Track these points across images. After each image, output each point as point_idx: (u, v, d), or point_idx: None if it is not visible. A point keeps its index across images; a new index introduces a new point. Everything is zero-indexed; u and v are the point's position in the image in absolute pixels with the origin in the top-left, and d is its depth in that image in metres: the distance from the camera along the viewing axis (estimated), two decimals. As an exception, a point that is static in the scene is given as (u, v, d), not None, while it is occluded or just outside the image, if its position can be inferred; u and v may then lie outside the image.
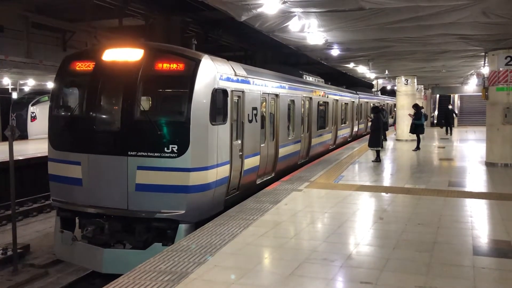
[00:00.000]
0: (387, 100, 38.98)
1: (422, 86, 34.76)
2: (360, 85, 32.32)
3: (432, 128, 36.20)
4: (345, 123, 23.18)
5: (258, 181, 11.16)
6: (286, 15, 10.46)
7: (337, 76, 28.90)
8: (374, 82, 32.47)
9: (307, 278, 5.40)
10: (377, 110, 16.45)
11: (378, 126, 15.87)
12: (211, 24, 17.93)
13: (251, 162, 10.32)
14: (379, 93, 36.43)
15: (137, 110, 8.14)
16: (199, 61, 8.26)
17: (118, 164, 8.00)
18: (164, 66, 8.15)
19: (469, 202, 9.48)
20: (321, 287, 5.18)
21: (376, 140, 15.67)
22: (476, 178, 12.75)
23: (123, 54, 8.47)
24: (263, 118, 11.32)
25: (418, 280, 5.28)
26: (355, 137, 25.86)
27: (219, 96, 8.62)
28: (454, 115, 29.91)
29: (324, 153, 17.96)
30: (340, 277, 5.55)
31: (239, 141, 9.72)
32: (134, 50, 8.41)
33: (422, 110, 20.57)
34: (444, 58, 18.61)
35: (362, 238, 7.05)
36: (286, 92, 13.23)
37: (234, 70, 9.65)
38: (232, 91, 9.25)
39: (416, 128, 19.63)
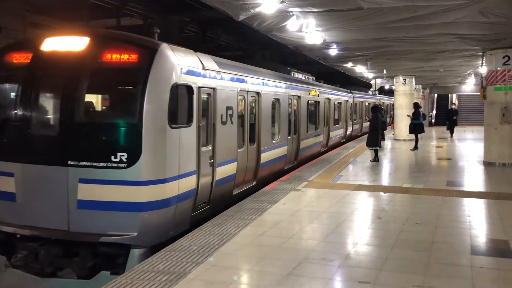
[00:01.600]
0: (384, 99, 38.59)
1: (420, 85, 34.81)
2: (358, 84, 32.02)
3: (430, 127, 36.26)
4: (338, 123, 22.09)
5: (236, 192, 9.79)
6: (284, 15, 10.46)
7: (336, 76, 28.66)
8: (372, 82, 32.48)
9: (306, 278, 5.39)
10: (375, 110, 16.45)
11: (376, 126, 15.87)
12: (209, 23, 17.90)
13: (225, 170, 8.99)
14: (377, 92, 36.38)
15: (80, 110, 6.93)
16: (155, 50, 6.95)
17: (56, 175, 6.70)
18: (114, 57, 6.85)
19: (467, 202, 9.49)
20: (319, 287, 5.18)
21: (375, 140, 15.69)
22: (474, 178, 12.76)
23: (65, 43, 7.12)
24: (241, 119, 10.10)
25: (416, 280, 5.28)
26: (349, 138, 24.87)
27: (181, 93, 7.30)
28: (456, 116, 28.42)
29: (314, 156, 16.90)
30: (339, 277, 5.55)
31: (210, 147, 8.35)
32: (78, 38, 7.09)
33: (420, 110, 20.59)
34: (442, 58, 18.63)
35: (360, 238, 7.05)
36: (270, 90, 11.95)
37: (202, 62, 8.22)
38: (199, 87, 7.90)
39: (415, 128, 19.64)
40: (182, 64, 7.41)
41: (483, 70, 16.86)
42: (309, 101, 16.36)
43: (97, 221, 6.59)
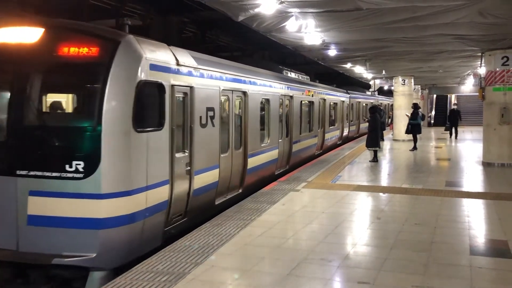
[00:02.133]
0: (382, 99, 38.15)
1: (419, 86, 34.86)
2: (357, 84, 31.88)
3: (429, 128, 36.29)
4: (334, 125, 21.15)
5: (219, 201, 8.90)
6: (283, 15, 10.46)
7: (334, 76, 28.56)
8: (371, 82, 32.48)
9: (305, 278, 5.39)
10: (374, 110, 16.46)
11: (375, 126, 15.89)
12: (208, 24, 17.91)
13: (205, 178, 8.09)
14: (376, 93, 36.34)
15: (31, 112, 6.11)
16: (118, 42, 6.06)
17: (3, 187, 5.91)
18: (71, 50, 5.97)
19: (466, 202, 9.50)
20: (318, 287, 5.18)
21: (374, 140, 15.70)
22: (473, 178, 12.77)
23: (16, 35, 6.20)
24: (225, 121, 9.21)
25: (415, 280, 5.29)
26: (345, 140, 23.98)
27: (149, 92, 6.44)
28: (459, 117, 26.39)
29: (308, 160, 16.03)
30: (338, 277, 5.55)
31: (186, 153, 7.46)
32: (31, 29, 6.17)
33: (420, 110, 20.62)
34: (441, 58, 18.66)
35: (359, 238, 7.06)
36: (258, 89, 11.03)
37: (176, 57, 7.25)
38: (172, 85, 6.96)
39: (413, 128, 19.67)
40: (151, 59, 6.47)
41: (482, 70, 16.89)
42: (303, 102, 15.56)
43: (50, 240, 5.77)
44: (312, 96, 16.86)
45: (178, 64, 7.27)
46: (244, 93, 10.20)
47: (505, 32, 12.13)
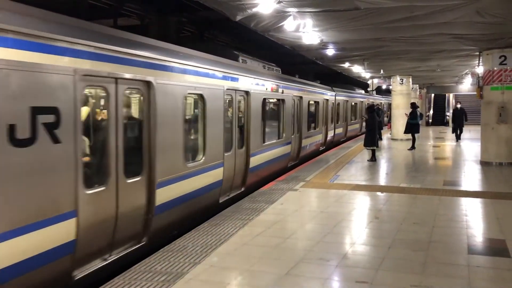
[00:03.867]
0: (376, 98, 36.17)
1: (417, 85, 34.91)
2: (353, 83, 30.87)
3: (428, 127, 36.34)
4: (315, 128, 18.09)
5: (74, 276, 5.37)
6: (281, 15, 10.46)
7: (331, 76, 28.34)
8: (369, 82, 32.51)
9: (303, 277, 5.40)
10: (371, 110, 16.49)
11: (373, 126, 15.91)
12: (206, 24, 17.91)
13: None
14: (373, 92, 36.33)
15: None
16: None
17: None
18: None
19: (464, 201, 9.52)
20: (317, 287, 5.19)
21: (372, 140, 15.72)
22: (471, 177, 12.79)
23: None
24: (87, 129, 5.83)
25: (413, 279, 5.30)
26: (330, 145, 21.03)
27: None
28: (464, 116, 24.01)
29: (277, 174, 12.70)
30: (336, 277, 5.56)
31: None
32: None
33: (418, 110, 20.65)
34: (439, 58, 18.69)
35: (357, 238, 7.07)
36: (177, 79, 7.50)
37: None
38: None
39: (411, 128, 19.71)
40: None
41: (480, 70, 16.93)
42: (267, 100, 12.38)
43: None
44: (283, 92, 13.60)
45: None
46: (149, 84, 6.68)
47: (502, 31, 12.15)
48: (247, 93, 10.79)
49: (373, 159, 15.59)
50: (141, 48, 6.69)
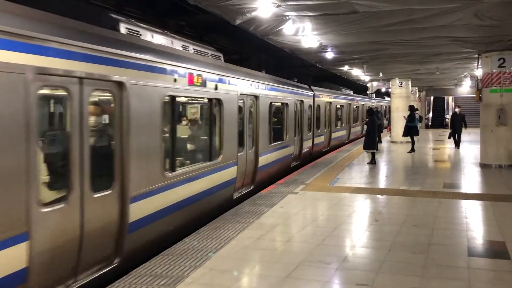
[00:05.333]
0: (367, 101, 32.75)
1: (416, 88, 34.96)
2: (350, 84, 30.03)
3: (427, 130, 36.37)
4: (281, 139, 13.90)
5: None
6: (280, 19, 10.49)
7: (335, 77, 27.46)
8: (368, 85, 32.55)
9: (303, 280, 5.41)
10: (371, 113, 16.54)
11: (372, 129, 15.93)
12: (205, 27, 17.95)
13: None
14: (373, 95, 36.28)
15: None
16: None
17: None
18: None
19: (463, 204, 9.53)
20: (317, 290, 5.19)
21: (371, 142, 15.74)
22: (470, 180, 12.81)
23: None
24: None
25: (413, 282, 5.30)
26: (305, 158, 16.87)
27: None
28: (463, 122, 21.64)
29: (220, 210, 8.98)
30: (336, 280, 5.56)
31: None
32: None
33: (417, 112, 20.66)
34: (438, 60, 18.73)
35: (357, 240, 7.07)
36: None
37: None
38: None
39: (410, 130, 19.72)
40: None
41: (479, 72, 16.96)
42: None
43: None
44: (216, 89, 8.93)
45: None
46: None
47: (501, 34, 12.19)
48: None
49: (373, 161, 15.60)
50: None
